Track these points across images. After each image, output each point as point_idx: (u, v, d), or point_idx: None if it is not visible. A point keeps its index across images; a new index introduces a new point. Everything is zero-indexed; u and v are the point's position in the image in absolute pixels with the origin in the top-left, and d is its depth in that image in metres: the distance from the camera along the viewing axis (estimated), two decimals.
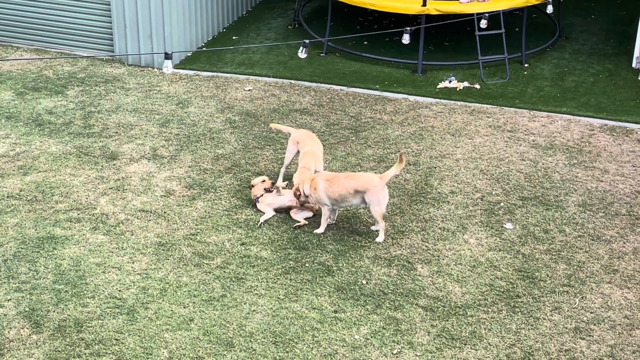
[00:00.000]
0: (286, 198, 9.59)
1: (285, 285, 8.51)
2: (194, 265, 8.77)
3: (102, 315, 8.07)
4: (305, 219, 9.49)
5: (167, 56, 8.76)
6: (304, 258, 8.91)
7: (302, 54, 9.65)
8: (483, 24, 12.23)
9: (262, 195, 9.61)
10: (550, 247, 9.12)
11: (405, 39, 10.67)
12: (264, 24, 14.72)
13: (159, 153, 10.80)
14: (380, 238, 9.15)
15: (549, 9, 13.12)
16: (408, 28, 10.14)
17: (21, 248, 8.98)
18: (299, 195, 9.29)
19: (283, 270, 8.73)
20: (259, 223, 9.38)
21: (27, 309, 8.13)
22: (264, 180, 9.69)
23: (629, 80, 12.80)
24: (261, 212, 9.58)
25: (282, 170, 10.14)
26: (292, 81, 12.75)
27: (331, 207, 9.20)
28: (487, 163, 10.63)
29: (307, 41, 9.64)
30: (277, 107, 11.95)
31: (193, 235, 9.24)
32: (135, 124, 11.50)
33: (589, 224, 9.49)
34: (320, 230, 9.29)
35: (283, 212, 9.60)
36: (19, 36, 13.85)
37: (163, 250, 9.00)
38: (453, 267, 8.79)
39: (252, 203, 9.69)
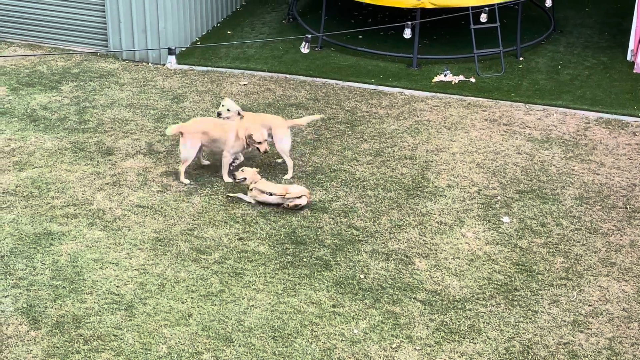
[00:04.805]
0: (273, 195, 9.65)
1: (283, 280, 8.51)
2: (192, 261, 8.76)
3: (100, 311, 8.05)
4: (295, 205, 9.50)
5: (170, 52, 8.72)
6: (302, 253, 8.90)
7: (304, 49, 9.58)
8: (483, 17, 12.21)
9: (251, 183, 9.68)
10: (548, 241, 9.13)
11: (407, 33, 10.64)
12: (258, 19, 14.68)
13: (154, 148, 10.77)
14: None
15: (548, 2, 13.10)
16: (409, 22, 10.10)
17: (18, 244, 8.94)
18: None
19: (281, 265, 8.72)
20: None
21: (24, 305, 8.10)
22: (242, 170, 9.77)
23: (624, 73, 12.81)
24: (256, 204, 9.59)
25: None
26: (287, 75, 12.73)
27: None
28: (483, 157, 10.63)
29: (309, 36, 9.57)
30: (272, 102, 11.93)
31: (190, 230, 9.22)
32: (131, 119, 11.46)
33: (586, 217, 9.50)
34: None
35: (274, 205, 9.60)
36: (13, 31, 13.79)
37: (160, 245, 8.98)
38: (451, 261, 8.80)
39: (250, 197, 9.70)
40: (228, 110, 10.13)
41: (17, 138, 10.96)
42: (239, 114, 10.13)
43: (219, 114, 10.20)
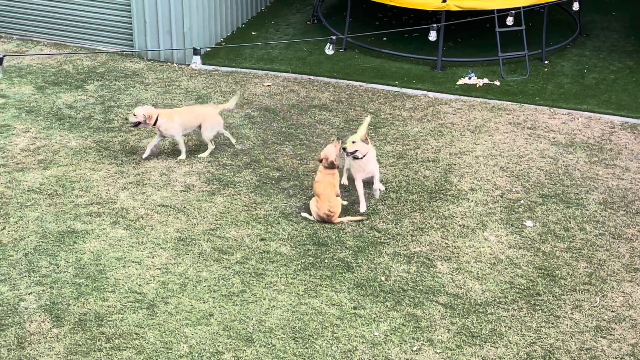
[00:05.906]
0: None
1: (304, 281, 8.51)
2: (214, 261, 8.79)
3: (122, 310, 8.10)
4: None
5: (196, 52, 8.72)
6: (323, 254, 8.90)
7: (329, 50, 9.59)
8: (509, 20, 12.15)
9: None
10: (571, 245, 9.08)
11: (432, 35, 10.60)
12: (283, 20, 14.71)
13: (178, 148, 10.81)
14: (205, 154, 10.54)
15: (575, 6, 13.01)
16: (435, 25, 10.07)
17: (42, 242, 9.02)
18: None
19: (302, 266, 8.73)
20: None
21: (48, 303, 8.16)
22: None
23: None
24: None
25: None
26: (311, 77, 12.74)
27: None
28: (507, 160, 10.59)
29: (334, 37, 9.57)
30: (296, 103, 11.95)
31: (212, 230, 9.25)
32: None
33: (610, 222, 9.43)
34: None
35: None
36: (39, 30, 13.90)
37: (183, 245, 9.02)
38: (473, 265, 8.77)
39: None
40: (134, 115, 10.41)
41: (42, 136, 11.05)
42: (143, 117, 10.38)
43: (126, 119, 10.84)
